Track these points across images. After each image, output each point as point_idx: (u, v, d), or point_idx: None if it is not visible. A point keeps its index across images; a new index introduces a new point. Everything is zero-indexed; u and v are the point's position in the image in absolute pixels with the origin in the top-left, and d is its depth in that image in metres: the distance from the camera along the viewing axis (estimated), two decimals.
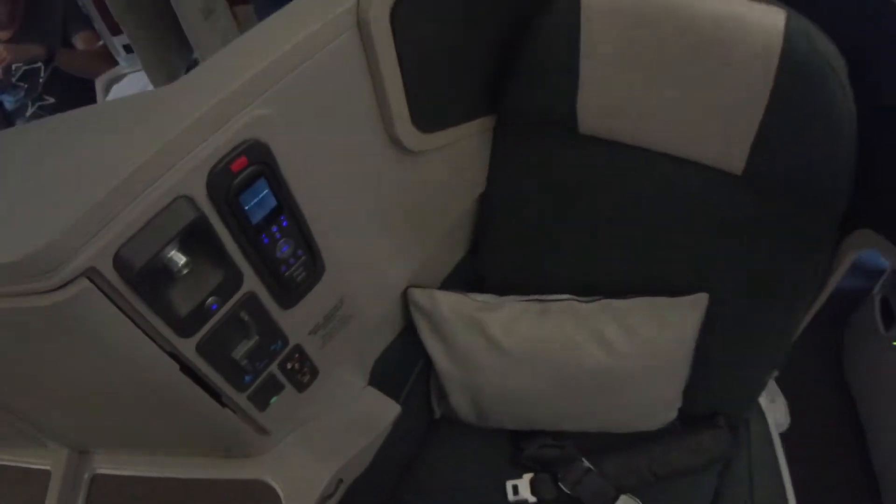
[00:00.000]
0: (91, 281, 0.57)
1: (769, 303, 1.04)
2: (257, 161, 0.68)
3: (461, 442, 1.22)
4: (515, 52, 0.99)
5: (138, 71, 1.95)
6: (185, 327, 0.67)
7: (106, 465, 0.94)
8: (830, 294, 1.08)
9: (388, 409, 1.07)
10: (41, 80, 2.10)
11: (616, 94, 0.95)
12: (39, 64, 2.06)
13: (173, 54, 1.61)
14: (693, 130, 0.93)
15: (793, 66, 0.80)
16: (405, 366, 1.20)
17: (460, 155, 1.09)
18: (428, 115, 0.93)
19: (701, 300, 1.05)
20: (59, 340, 0.63)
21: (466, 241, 1.26)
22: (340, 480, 0.97)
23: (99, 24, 1.80)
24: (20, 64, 2.04)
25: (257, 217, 0.70)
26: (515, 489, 1.14)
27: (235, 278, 0.71)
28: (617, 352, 1.05)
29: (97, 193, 0.56)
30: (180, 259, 0.63)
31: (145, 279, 0.60)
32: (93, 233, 0.56)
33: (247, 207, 0.68)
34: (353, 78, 0.81)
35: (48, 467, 0.94)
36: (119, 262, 0.58)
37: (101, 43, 1.98)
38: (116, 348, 0.65)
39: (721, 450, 1.14)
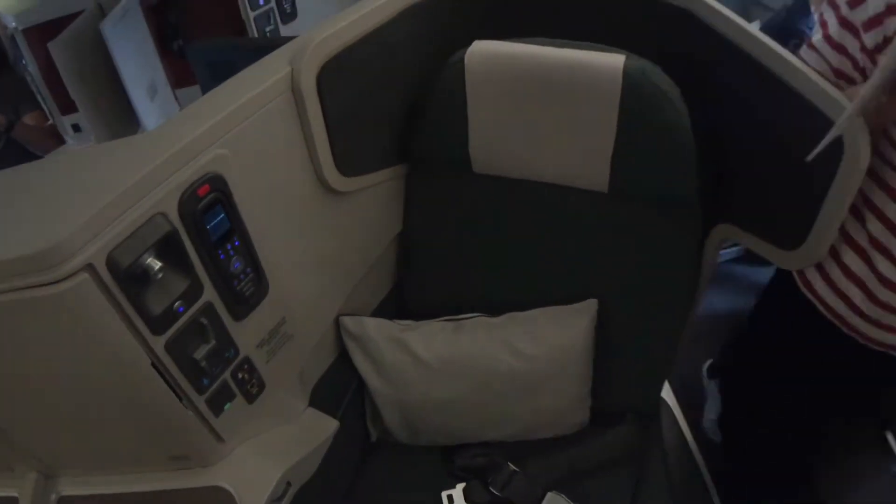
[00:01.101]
0: (89, 276, 0.71)
1: (652, 303, 1.21)
2: (217, 189, 0.84)
3: (397, 462, 1.33)
4: (419, 110, 1.19)
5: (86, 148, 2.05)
6: (157, 325, 0.80)
7: (72, 487, 1.00)
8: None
9: (328, 425, 1.19)
10: None
11: (499, 137, 1.16)
12: None
13: (122, 128, 1.76)
14: (564, 160, 1.15)
15: (632, 96, 1.03)
16: (341, 390, 1.31)
17: (379, 197, 1.26)
18: (349, 162, 1.11)
19: (591, 305, 1.22)
20: (53, 331, 0.75)
21: (391, 277, 1.41)
22: (289, 483, 1.07)
23: (50, 104, 1.92)
24: None
25: (215, 235, 0.86)
26: (451, 498, 1.23)
27: (197, 287, 0.85)
28: (525, 355, 1.21)
29: (97, 206, 0.71)
30: (156, 264, 0.77)
31: (129, 278, 0.74)
32: (92, 236, 0.70)
33: (208, 226, 0.84)
34: (289, 129, 1.00)
35: (16, 493, 0.99)
36: (111, 262, 0.72)
37: (49, 122, 2.08)
38: (102, 338, 0.76)
39: (634, 442, 1.26)
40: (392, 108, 1.20)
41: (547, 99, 1.09)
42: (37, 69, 1.85)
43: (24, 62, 1.90)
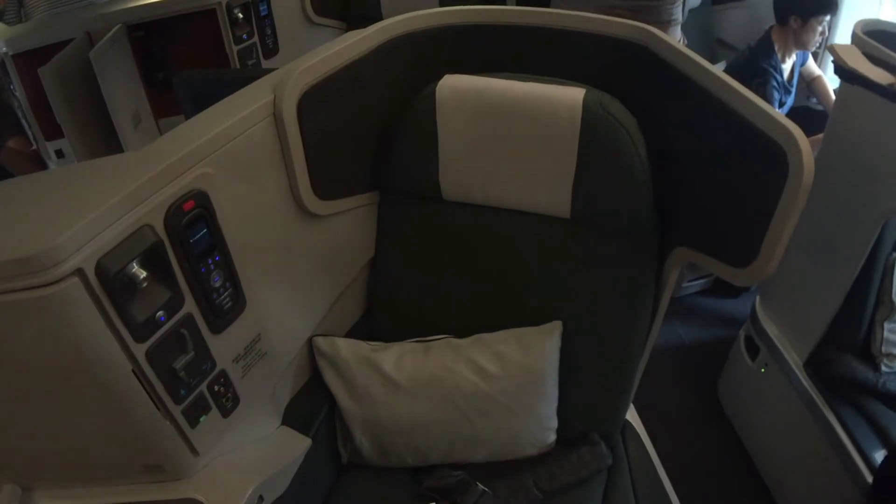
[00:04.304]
0: (79, 280, 0.75)
1: (613, 325, 1.26)
2: (201, 205, 0.89)
3: (368, 483, 1.35)
4: (392, 140, 1.26)
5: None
6: (140, 333, 0.84)
7: (47, 500, 1.01)
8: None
9: (300, 443, 1.22)
10: None
11: (467, 166, 1.23)
12: None
13: (106, 154, 1.79)
14: (528, 188, 1.22)
15: (591, 127, 1.12)
16: (314, 410, 1.34)
17: (353, 223, 1.32)
18: (325, 186, 1.17)
19: (555, 327, 1.27)
20: (39, 335, 0.78)
21: (363, 302, 1.46)
22: (261, 497, 1.09)
23: (35, 129, 1.95)
24: None
25: (198, 249, 0.90)
26: None
27: (179, 297, 0.89)
28: (490, 375, 1.25)
29: (89, 214, 0.76)
30: (142, 273, 0.82)
31: (116, 285, 0.79)
32: (84, 242, 0.75)
33: (191, 240, 0.89)
34: (270, 152, 1.06)
35: None
36: (99, 269, 0.77)
37: (32, 147, 2.11)
38: (87, 342, 0.80)
39: (600, 462, 1.28)
40: (367, 137, 1.27)
41: (512, 130, 1.16)
42: (24, 94, 1.89)
43: (12, 87, 1.93)
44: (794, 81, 2.55)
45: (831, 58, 1.46)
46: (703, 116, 1.04)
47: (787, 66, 2.48)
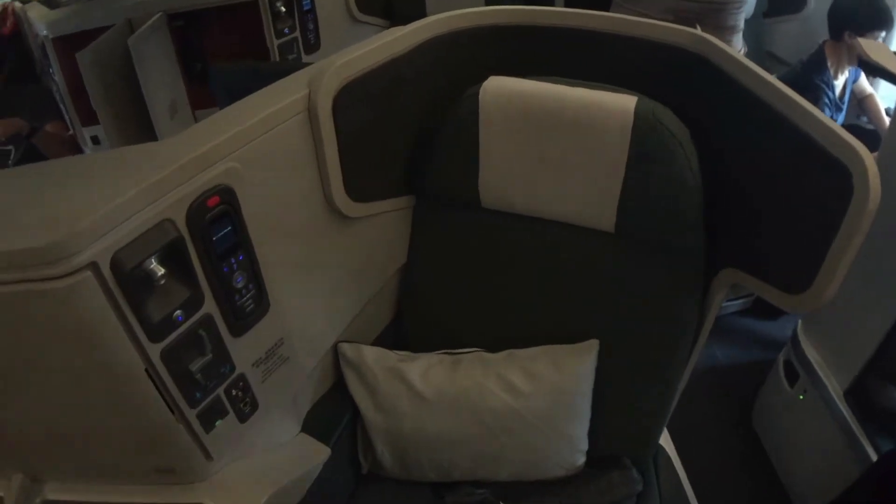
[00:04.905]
0: (92, 274, 0.71)
1: (653, 346, 1.20)
2: (226, 202, 0.85)
3: (387, 495, 1.31)
4: (431, 142, 1.21)
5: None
6: (155, 332, 0.80)
7: (56, 492, 0.99)
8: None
9: (319, 451, 1.19)
10: (10, 163, 2.16)
11: (509, 173, 1.17)
12: (10, 147, 2.15)
13: (140, 143, 1.79)
14: (572, 199, 1.16)
15: (642, 137, 1.05)
16: (334, 418, 1.30)
17: (386, 227, 1.27)
18: (358, 187, 1.12)
19: (592, 346, 1.21)
20: (51, 328, 0.75)
21: (391, 309, 1.41)
22: None
23: (72, 114, 1.95)
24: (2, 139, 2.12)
25: (221, 248, 0.86)
26: None
27: (198, 297, 0.85)
28: (521, 393, 1.19)
29: (106, 206, 0.72)
30: (160, 270, 0.77)
31: (132, 281, 0.75)
32: (99, 235, 0.71)
33: (214, 238, 0.84)
34: (302, 148, 1.01)
35: (0, 494, 0.98)
36: (115, 263, 0.73)
37: (69, 132, 2.12)
38: (99, 339, 0.76)
39: (630, 488, 1.23)
40: (404, 138, 1.22)
41: (558, 137, 1.10)
42: (62, 79, 1.89)
43: (51, 71, 1.93)
44: (846, 99, 2.48)
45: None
46: (761, 131, 0.98)
47: (839, 83, 2.40)
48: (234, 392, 0.97)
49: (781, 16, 2.96)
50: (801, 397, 1.82)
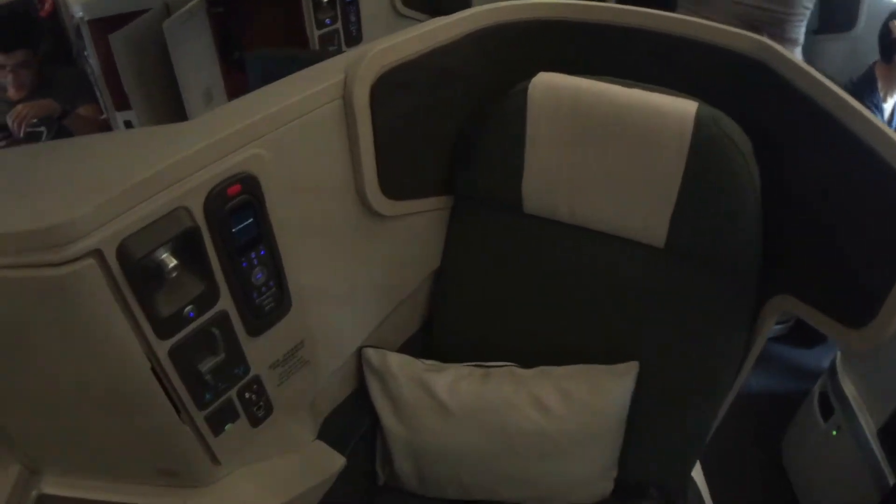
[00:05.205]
0: (95, 262, 0.65)
1: (696, 372, 1.12)
2: (248, 191, 0.79)
3: None
4: (473, 139, 1.14)
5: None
6: (163, 328, 0.74)
7: (53, 486, 0.95)
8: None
9: (334, 460, 1.12)
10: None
11: (555, 177, 1.10)
12: (42, 129, 2.14)
13: None
14: (621, 208, 1.07)
15: (702, 146, 0.96)
16: (353, 426, 1.24)
17: (420, 228, 1.20)
18: (393, 183, 1.05)
19: (632, 368, 1.13)
20: (53, 317, 0.69)
21: (421, 316, 1.34)
22: None
23: (106, 98, 1.92)
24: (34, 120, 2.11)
25: (240, 241, 0.80)
26: None
27: (213, 293, 0.79)
28: (553, 414, 1.12)
29: (115, 189, 0.66)
30: (171, 262, 0.71)
31: (140, 272, 0.69)
32: (105, 220, 0.65)
33: (234, 230, 0.78)
34: (334, 138, 0.94)
35: None
36: (122, 251, 0.67)
37: (103, 116, 2.09)
38: (101, 333, 0.71)
39: None
40: (445, 134, 1.15)
41: (611, 140, 1.02)
42: (97, 62, 1.86)
43: (86, 54, 1.91)
44: (894, 123, 2.39)
45: None
46: (828, 149, 0.89)
47: (888, 106, 2.32)
48: (247, 395, 0.92)
49: (832, 33, 2.90)
50: (835, 433, 1.72)
